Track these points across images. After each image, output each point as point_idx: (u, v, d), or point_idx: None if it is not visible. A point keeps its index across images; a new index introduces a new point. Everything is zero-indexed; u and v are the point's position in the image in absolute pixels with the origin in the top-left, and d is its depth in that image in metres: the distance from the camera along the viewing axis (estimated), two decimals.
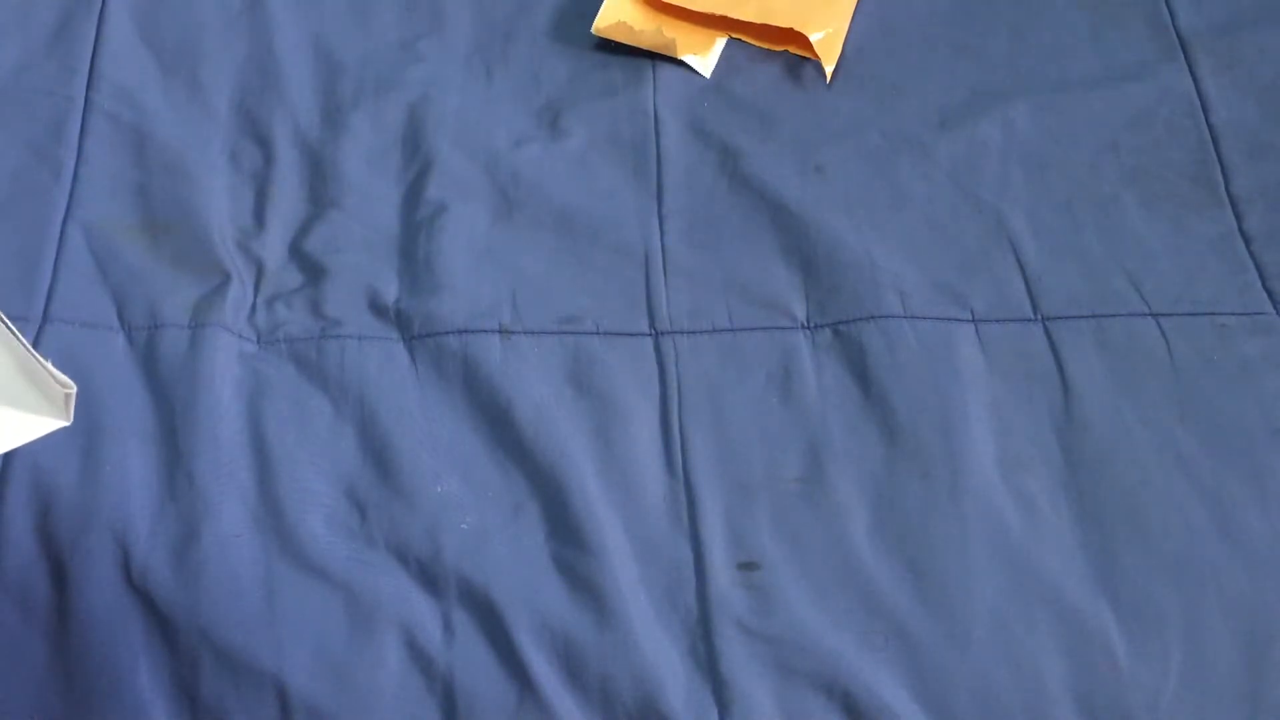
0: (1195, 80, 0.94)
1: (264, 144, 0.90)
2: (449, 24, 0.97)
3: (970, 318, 0.84)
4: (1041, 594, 0.74)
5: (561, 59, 0.96)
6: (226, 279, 0.83)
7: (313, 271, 0.85)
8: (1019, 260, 0.86)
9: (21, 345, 0.55)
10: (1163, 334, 0.83)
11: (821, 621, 0.73)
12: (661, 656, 0.72)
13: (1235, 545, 0.75)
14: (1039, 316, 0.84)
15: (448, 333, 0.82)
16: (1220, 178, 0.90)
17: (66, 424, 0.57)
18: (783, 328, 0.83)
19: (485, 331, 0.82)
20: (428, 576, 0.74)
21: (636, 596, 0.74)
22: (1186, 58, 0.96)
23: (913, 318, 0.83)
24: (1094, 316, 0.84)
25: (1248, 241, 0.87)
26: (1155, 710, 0.71)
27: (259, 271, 0.85)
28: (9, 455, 0.76)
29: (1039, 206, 0.89)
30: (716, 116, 0.93)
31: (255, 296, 0.84)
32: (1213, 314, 0.84)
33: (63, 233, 0.85)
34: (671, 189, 0.89)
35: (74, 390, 0.56)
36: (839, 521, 0.76)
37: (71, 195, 0.87)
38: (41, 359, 0.56)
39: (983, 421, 0.79)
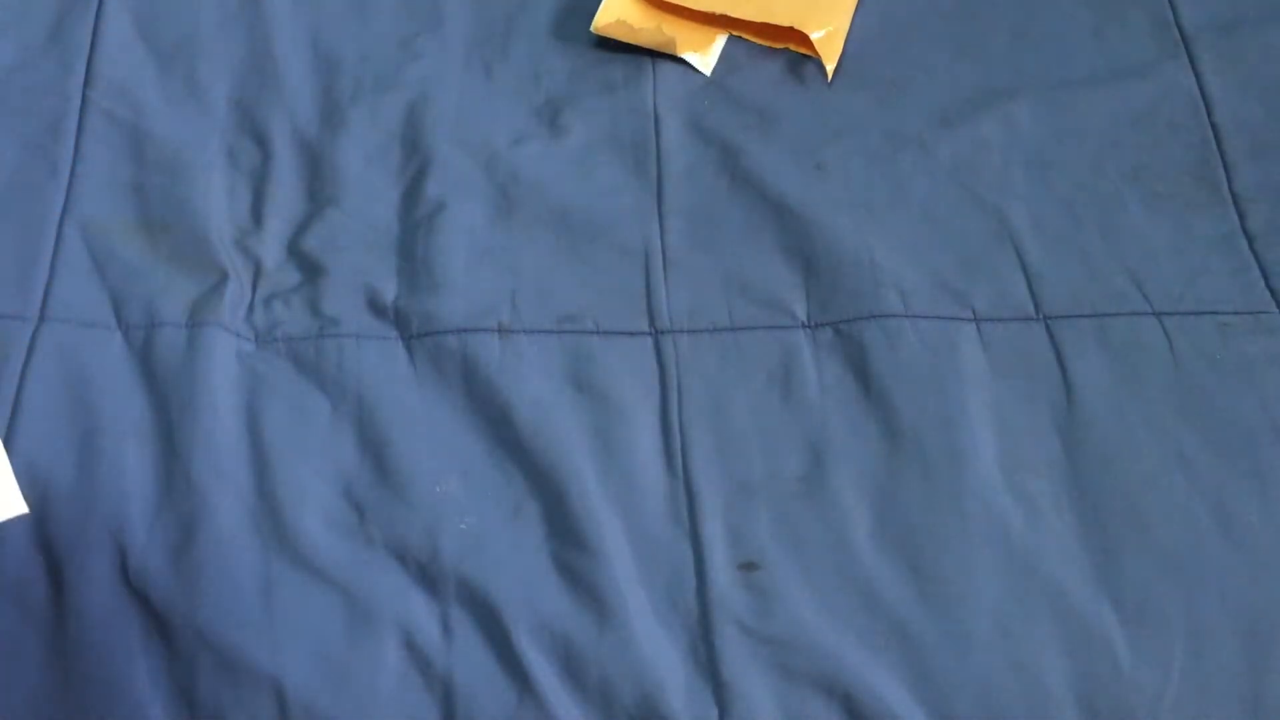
0: (1198, 78, 0.94)
1: (262, 142, 0.90)
2: (448, 21, 0.97)
3: (972, 316, 0.83)
4: (1043, 594, 0.74)
5: (561, 57, 0.96)
6: (224, 278, 0.83)
7: (311, 270, 0.84)
8: (1021, 259, 0.86)
9: None
10: (1165, 333, 0.83)
11: (822, 622, 0.73)
12: (661, 657, 0.72)
13: (1237, 545, 0.75)
14: (1041, 315, 0.84)
15: (446, 332, 0.82)
16: (1223, 176, 0.90)
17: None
18: (783, 326, 0.83)
19: (484, 330, 0.82)
20: (426, 576, 0.74)
21: (636, 596, 0.74)
22: (1189, 55, 0.96)
23: (914, 316, 0.83)
24: (1096, 315, 0.83)
25: (1250, 240, 0.87)
26: (1157, 711, 0.71)
27: (257, 270, 0.84)
28: (7, 453, 0.75)
29: (1041, 205, 0.88)
30: (717, 115, 0.93)
31: (253, 295, 0.84)
32: (1215, 313, 0.84)
33: (60, 231, 0.85)
34: (671, 187, 0.89)
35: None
36: (839, 521, 0.76)
37: (69, 193, 0.87)
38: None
39: (984, 421, 0.79)
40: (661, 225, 0.88)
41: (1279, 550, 0.75)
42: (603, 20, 0.96)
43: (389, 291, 0.84)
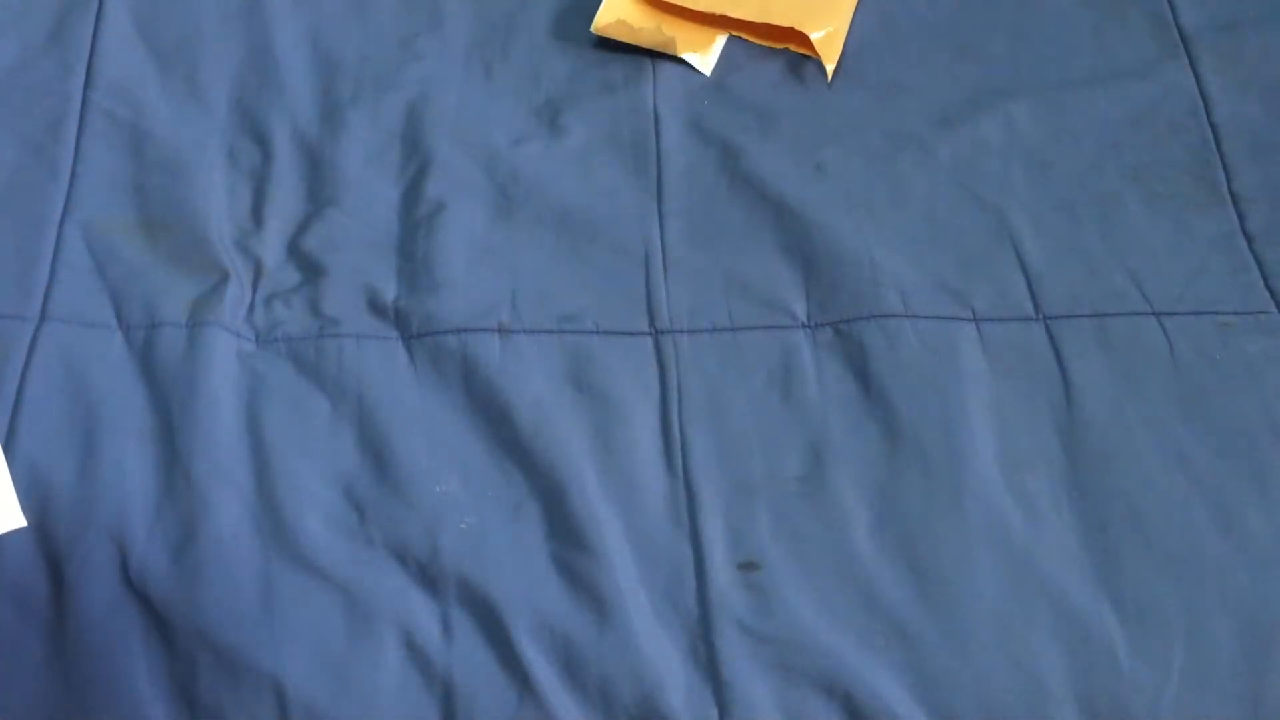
0: (1197, 78, 0.94)
1: (262, 142, 0.90)
2: (448, 22, 0.97)
3: (971, 317, 0.83)
4: (1043, 594, 0.74)
5: (561, 57, 0.96)
6: (225, 278, 0.83)
7: (311, 270, 0.84)
8: (1020, 259, 0.86)
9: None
10: (1165, 333, 0.83)
11: (822, 622, 0.73)
12: (661, 657, 0.72)
13: (1237, 545, 0.75)
14: (1040, 315, 0.84)
15: (446, 332, 0.82)
16: (1222, 176, 0.90)
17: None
18: (783, 326, 0.83)
19: (484, 330, 0.82)
20: (426, 576, 0.74)
21: (636, 596, 0.74)
22: (1189, 56, 0.96)
23: (914, 317, 0.83)
24: (1096, 315, 0.83)
25: (1250, 240, 0.87)
26: (1156, 710, 0.71)
27: (257, 270, 0.84)
28: (6, 454, 0.75)
29: (1040, 205, 0.88)
30: (717, 115, 0.93)
31: (253, 295, 0.84)
32: (1215, 313, 0.84)
33: (60, 231, 0.85)
34: (671, 187, 0.89)
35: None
36: (839, 521, 0.76)
37: (69, 194, 0.87)
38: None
39: (984, 421, 0.79)
40: (661, 225, 0.88)
41: (1278, 549, 0.75)
42: (603, 20, 0.96)
43: (389, 291, 0.84)
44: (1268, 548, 0.75)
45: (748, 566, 0.75)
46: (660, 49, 0.95)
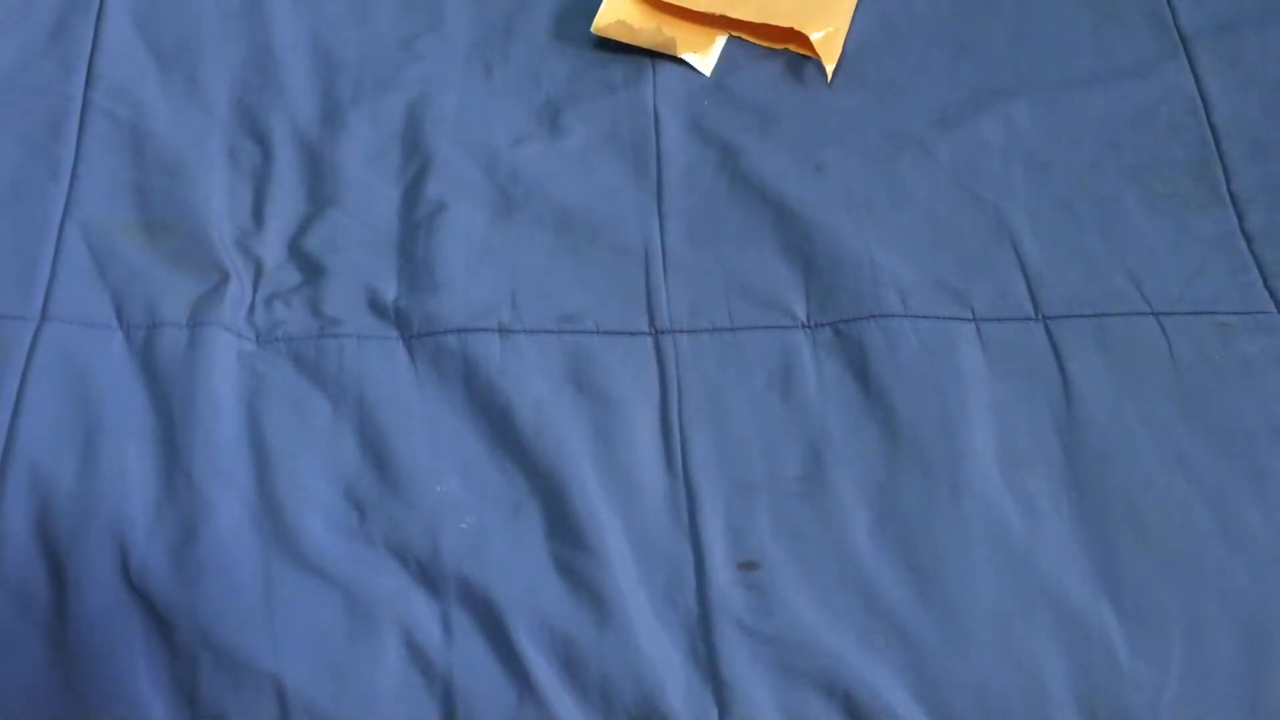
0: (1197, 79, 0.94)
1: (263, 142, 0.90)
2: (448, 22, 0.97)
3: (971, 317, 0.84)
4: (1042, 593, 0.74)
5: (561, 58, 0.96)
6: (225, 278, 0.83)
7: (311, 270, 0.85)
8: (1020, 259, 0.86)
9: None
10: (1164, 333, 0.83)
11: (822, 621, 0.73)
12: (661, 656, 0.72)
13: (1237, 545, 0.75)
14: (1040, 315, 0.84)
15: (447, 332, 0.82)
16: (1222, 176, 0.90)
17: None
18: (783, 327, 0.83)
19: (484, 330, 0.82)
20: (427, 576, 0.74)
21: (636, 596, 0.74)
22: (1188, 56, 0.96)
23: (913, 317, 0.83)
24: (1095, 315, 0.83)
25: (1249, 240, 0.87)
26: (1156, 710, 0.71)
27: (258, 270, 0.85)
28: (7, 454, 0.75)
29: (1040, 205, 0.88)
30: (717, 115, 0.93)
31: (254, 295, 0.84)
32: (1214, 313, 0.84)
33: (61, 231, 0.85)
34: (671, 187, 0.89)
35: None
36: (839, 521, 0.76)
37: (70, 194, 0.87)
38: None
39: (983, 421, 0.79)
40: (661, 225, 0.88)
41: (1277, 549, 0.75)
42: (603, 21, 0.96)
43: (389, 291, 0.84)
44: (1267, 548, 0.75)
45: (748, 566, 0.75)
46: (660, 49, 0.95)
